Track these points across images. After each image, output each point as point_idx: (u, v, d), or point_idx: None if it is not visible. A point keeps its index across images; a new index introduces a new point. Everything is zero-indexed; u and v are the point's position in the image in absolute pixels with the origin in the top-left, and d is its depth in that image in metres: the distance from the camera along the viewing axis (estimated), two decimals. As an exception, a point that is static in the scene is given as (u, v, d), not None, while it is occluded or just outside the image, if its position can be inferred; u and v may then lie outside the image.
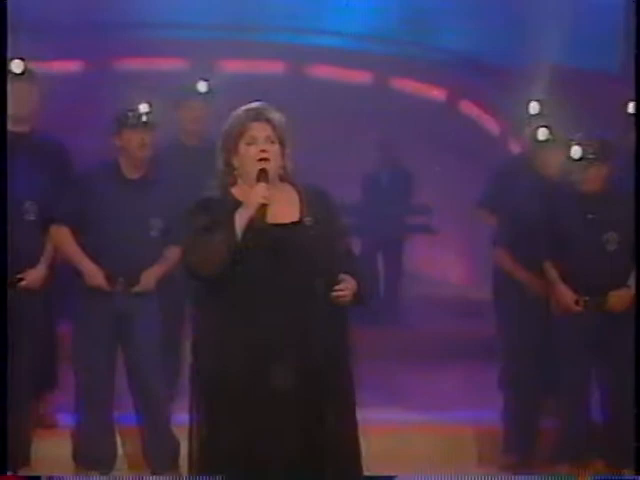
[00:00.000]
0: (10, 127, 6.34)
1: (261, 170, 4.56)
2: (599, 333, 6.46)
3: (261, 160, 4.59)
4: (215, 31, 11.31)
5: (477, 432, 6.97)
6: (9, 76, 6.57)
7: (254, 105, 4.71)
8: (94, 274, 6.20)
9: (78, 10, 10.87)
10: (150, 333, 6.27)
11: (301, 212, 4.68)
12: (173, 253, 6.22)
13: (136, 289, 6.23)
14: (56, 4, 10.83)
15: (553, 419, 6.70)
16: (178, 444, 6.25)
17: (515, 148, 8.98)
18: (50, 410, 6.77)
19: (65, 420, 6.70)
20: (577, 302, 6.45)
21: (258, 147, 4.60)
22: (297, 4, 11.89)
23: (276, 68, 11.63)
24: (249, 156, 4.60)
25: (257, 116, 4.67)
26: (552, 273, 6.53)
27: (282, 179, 4.70)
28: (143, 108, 6.31)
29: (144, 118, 6.28)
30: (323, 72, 11.80)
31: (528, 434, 6.77)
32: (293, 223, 4.66)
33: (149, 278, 6.26)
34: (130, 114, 6.28)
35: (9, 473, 5.58)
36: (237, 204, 4.56)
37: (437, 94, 12.08)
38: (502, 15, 11.77)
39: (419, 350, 8.67)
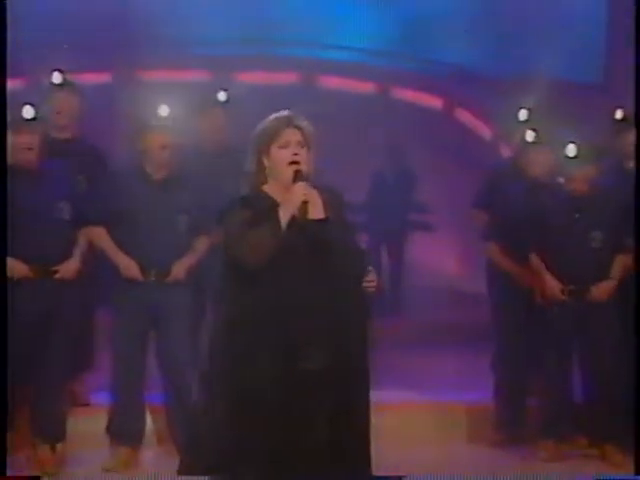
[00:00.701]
0: (53, 134, 6.39)
1: (296, 171, 4.58)
2: (581, 321, 6.45)
3: (293, 163, 4.61)
4: (233, 46, 11.32)
5: (470, 410, 6.98)
6: (50, 87, 6.64)
7: (285, 113, 4.74)
8: (129, 267, 6.20)
9: (110, 27, 10.91)
10: (180, 320, 6.27)
11: (326, 210, 4.70)
12: (201, 245, 6.28)
13: (168, 279, 6.23)
14: (90, 21, 10.87)
15: (539, 399, 6.70)
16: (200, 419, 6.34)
17: (505, 152, 8.97)
18: (84, 390, 6.78)
19: (97, 399, 6.72)
20: (563, 291, 6.44)
21: (290, 150, 4.62)
22: (308, 22, 11.91)
23: (289, 79, 11.61)
24: (282, 158, 4.62)
25: (289, 122, 4.69)
26: (538, 265, 6.52)
27: (307, 180, 4.72)
28: (163, 112, 6.32)
29: (164, 122, 6.30)
30: (332, 83, 11.80)
31: (516, 412, 6.79)
32: (321, 220, 4.68)
33: (180, 269, 6.26)
34: (151, 118, 6.31)
35: (9, 474, 5.42)
36: (271, 200, 4.60)
37: (434, 102, 12.05)
38: (493, 31, 11.77)
39: (418, 336, 8.66)
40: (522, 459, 6.49)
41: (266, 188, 4.67)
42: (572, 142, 6.44)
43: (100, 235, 6.28)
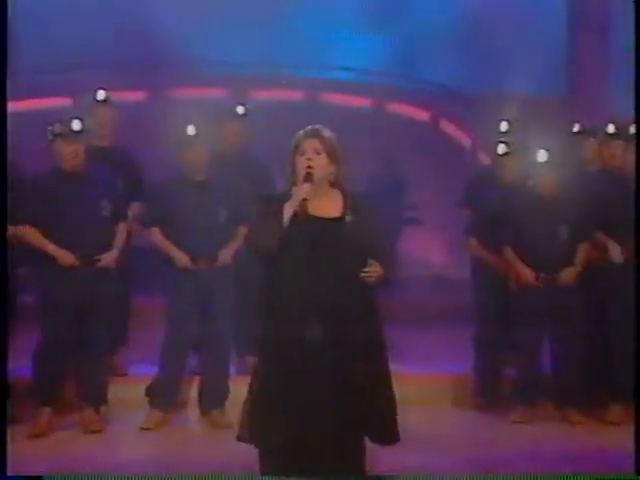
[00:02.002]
0: (94, 142, 6.41)
1: (307, 173, 4.61)
2: (551, 303, 6.43)
3: (308, 167, 4.65)
4: (250, 67, 11.31)
5: (453, 380, 6.98)
6: (94, 103, 6.67)
7: (311, 126, 4.77)
8: (182, 258, 6.20)
9: (143, 52, 10.94)
10: (226, 302, 6.28)
11: (343, 210, 4.72)
12: (242, 232, 6.23)
13: (217, 264, 6.22)
14: (126, 47, 10.89)
15: (513, 370, 6.69)
16: (228, 391, 6.34)
17: (484, 159, 8.98)
18: (122, 362, 6.82)
19: (134, 370, 6.77)
20: (537, 278, 6.44)
21: (305, 157, 4.67)
22: (313, 46, 11.92)
23: (297, 96, 11.59)
24: (299, 163, 4.66)
25: (309, 133, 4.72)
26: (511, 256, 6.50)
27: (332, 185, 4.75)
28: (194, 124, 6.29)
29: (196, 134, 6.27)
30: (334, 99, 11.78)
31: (493, 382, 6.79)
32: (335, 218, 4.70)
33: (226, 255, 6.27)
34: (184, 131, 6.28)
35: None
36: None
37: (422, 116, 12.02)
38: (473, 54, 11.80)
39: (409, 317, 8.56)
40: (497, 421, 6.48)
41: (293, 189, 4.68)
42: (541, 150, 6.42)
43: (156, 235, 6.29)
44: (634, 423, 4.05)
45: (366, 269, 4.63)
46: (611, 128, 6.69)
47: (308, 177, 4.62)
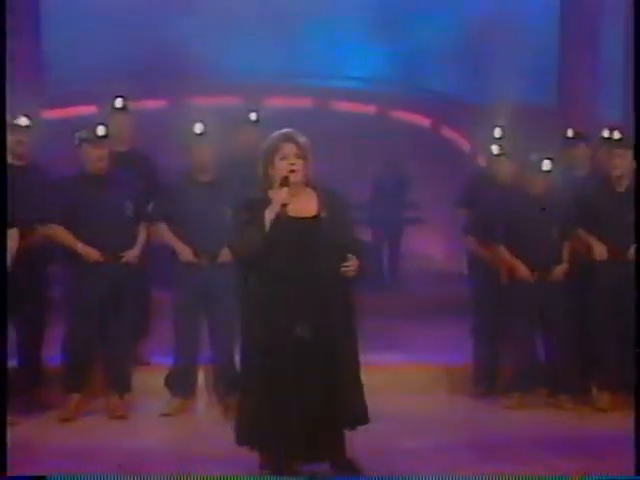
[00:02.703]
0: (117, 148, 6.39)
1: (284, 177, 4.60)
2: (543, 296, 6.43)
3: (291, 171, 4.63)
4: (262, 76, 11.33)
5: (452, 369, 6.96)
6: (112, 110, 6.65)
7: (285, 130, 4.75)
8: (186, 252, 6.19)
9: (163, 63, 10.96)
10: (226, 294, 6.18)
11: (319, 209, 4.71)
12: None
13: (218, 261, 6.17)
14: (147, 59, 10.92)
15: (509, 359, 6.68)
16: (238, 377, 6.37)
17: (482, 162, 8.96)
18: (145, 352, 6.82)
19: (155, 360, 6.77)
20: (532, 275, 6.40)
21: (288, 161, 4.66)
22: (321, 57, 11.93)
23: (307, 103, 11.60)
24: (281, 167, 4.64)
25: (287, 138, 4.71)
26: (506, 254, 6.47)
27: (306, 185, 4.75)
28: (206, 129, 6.28)
29: (207, 138, 6.25)
30: (341, 106, 11.79)
31: (490, 370, 6.76)
32: (313, 217, 4.69)
33: (227, 252, 6.14)
34: (197, 135, 6.27)
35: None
36: (269, 203, 4.62)
37: (424, 122, 12.04)
38: (472, 65, 11.82)
39: (411, 309, 8.60)
40: (493, 407, 6.47)
41: (270, 193, 4.68)
42: (534, 154, 6.42)
43: (162, 230, 6.28)
44: (634, 423, 3.97)
45: (346, 263, 4.61)
46: (605, 133, 6.69)
47: (285, 181, 4.60)
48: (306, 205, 4.73)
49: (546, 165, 6.40)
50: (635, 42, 4.15)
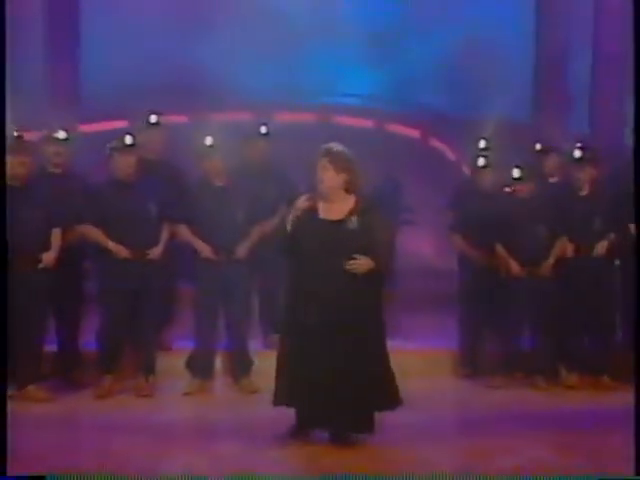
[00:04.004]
0: (145, 155, 6.38)
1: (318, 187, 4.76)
2: (531, 290, 6.42)
3: (320, 182, 4.76)
4: (271, 93, 11.31)
5: (442, 354, 6.94)
6: (146, 125, 6.62)
7: (325, 145, 4.83)
8: (205, 250, 6.18)
9: (184, 84, 11.01)
10: (241, 288, 6.24)
11: (349, 213, 4.75)
12: (255, 232, 6.24)
13: (235, 257, 6.17)
14: (171, 79, 10.97)
15: (491, 346, 6.71)
16: (252, 362, 6.36)
17: (467, 170, 8.97)
18: (168, 339, 6.79)
19: (177, 345, 6.75)
20: (522, 270, 6.40)
21: (318, 173, 4.78)
22: (324, 76, 11.95)
23: (311, 118, 11.54)
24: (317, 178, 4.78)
25: (323, 152, 4.80)
26: (502, 252, 6.47)
27: (347, 191, 4.78)
28: (220, 141, 6.28)
29: (221, 148, 6.26)
30: (342, 121, 11.76)
31: (478, 355, 6.77)
32: (338, 220, 4.75)
33: (242, 250, 6.21)
34: (213, 146, 6.28)
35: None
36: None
37: (415, 134, 12.02)
38: (458, 84, 11.83)
39: (407, 301, 8.47)
40: (478, 387, 6.49)
41: (296, 202, 4.86)
42: (513, 164, 6.45)
43: (183, 230, 6.27)
44: (634, 422, 4.02)
45: (350, 262, 4.63)
46: (575, 148, 6.67)
47: (310, 194, 4.76)
48: (337, 209, 4.76)
49: (516, 173, 6.41)
50: (635, 43, 4.19)
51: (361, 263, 4.66)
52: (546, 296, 6.41)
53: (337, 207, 4.78)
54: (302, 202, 4.75)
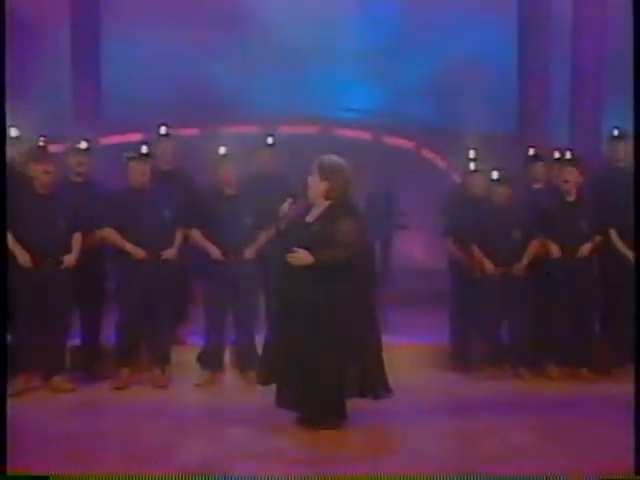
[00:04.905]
0: (160, 166, 6.39)
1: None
2: (507, 289, 6.42)
3: (307, 189, 4.84)
4: (275, 107, 11.34)
5: (434, 349, 6.91)
6: (158, 136, 6.61)
7: (318, 157, 4.86)
8: (216, 252, 6.16)
9: (194, 97, 11.04)
10: (248, 288, 6.22)
11: (318, 217, 4.80)
12: (262, 236, 6.22)
13: (243, 259, 6.15)
14: (184, 95, 11.01)
15: (480, 341, 6.64)
16: (258, 356, 6.28)
17: (457, 178, 8.97)
18: (182, 334, 6.77)
19: (191, 340, 6.72)
20: (497, 270, 6.40)
21: (307, 182, 4.85)
22: (326, 91, 11.98)
23: (314, 130, 11.60)
24: None
25: (315, 162, 4.84)
26: (478, 253, 6.50)
27: (326, 197, 4.82)
28: (229, 151, 6.26)
29: (230, 158, 6.25)
30: (342, 133, 11.77)
31: (465, 349, 6.72)
32: (309, 222, 4.84)
33: (250, 252, 6.20)
34: (222, 156, 6.28)
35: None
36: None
37: (409, 145, 12.04)
38: (449, 98, 11.86)
39: (401, 300, 8.49)
40: (467, 379, 6.47)
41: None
42: (497, 172, 6.44)
43: (196, 235, 6.26)
44: (633, 422, 4.04)
45: (289, 255, 4.69)
46: (557, 154, 6.73)
47: (294, 199, 4.84)
48: (314, 213, 4.84)
49: (494, 175, 6.41)
50: (635, 43, 4.20)
51: (299, 257, 4.70)
52: (523, 294, 6.40)
53: (315, 211, 4.84)
54: (286, 207, 4.79)
